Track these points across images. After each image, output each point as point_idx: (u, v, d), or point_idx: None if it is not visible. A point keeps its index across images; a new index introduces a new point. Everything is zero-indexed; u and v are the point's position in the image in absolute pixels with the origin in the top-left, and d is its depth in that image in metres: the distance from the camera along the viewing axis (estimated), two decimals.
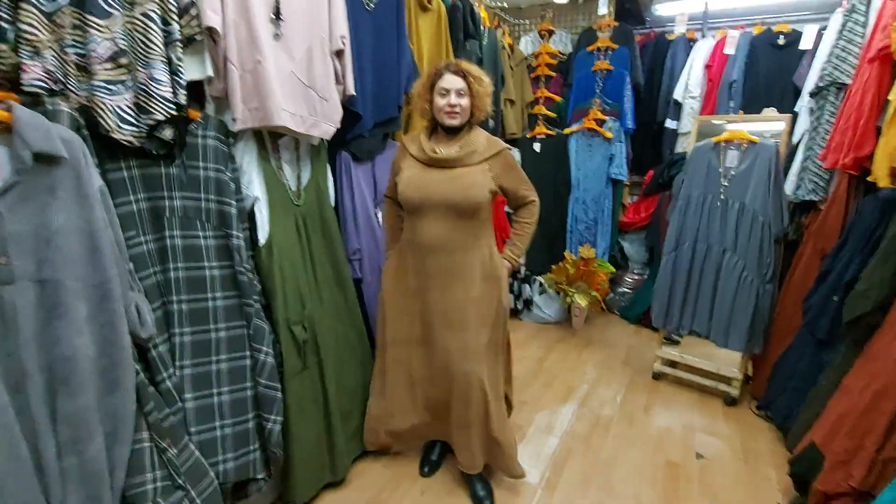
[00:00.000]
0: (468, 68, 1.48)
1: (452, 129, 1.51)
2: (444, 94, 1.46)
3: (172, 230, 1.27)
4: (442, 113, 1.48)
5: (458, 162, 1.50)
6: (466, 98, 1.47)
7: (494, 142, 1.55)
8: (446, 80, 1.46)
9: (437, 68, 1.50)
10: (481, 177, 1.50)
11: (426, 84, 1.50)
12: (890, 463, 1.21)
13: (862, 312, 1.47)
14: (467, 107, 1.48)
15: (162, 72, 1.12)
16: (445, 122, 1.49)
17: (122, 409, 1.05)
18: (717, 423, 2.21)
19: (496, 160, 1.53)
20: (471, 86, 1.46)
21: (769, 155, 2.23)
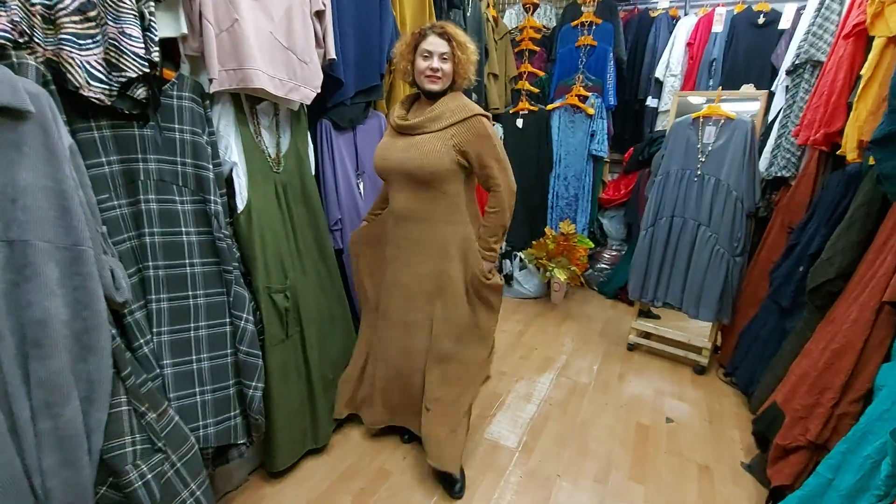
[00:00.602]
0: (454, 32, 1.41)
1: (433, 94, 1.45)
2: (427, 57, 1.40)
3: (147, 194, 1.24)
4: (423, 76, 1.42)
5: (420, 128, 1.42)
6: (449, 63, 1.40)
7: (466, 107, 1.42)
8: (430, 42, 1.39)
9: (421, 29, 1.43)
10: (441, 143, 1.39)
11: (409, 44, 1.43)
12: (844, 417, 1.29)
13: (825, 279, 1.54)
14: (449, 72, 1.41)
15: (134, 27, 1.07)
16: (426, 85, 1.43)
17: (98, 373, 1.03)
18: (686, 389, 2.31)
19: (463, 126, 1.40)
20: (455, 51, 1.39)
21: (745, 131, 2.28)
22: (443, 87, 1.44)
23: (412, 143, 1.43)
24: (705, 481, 1.71)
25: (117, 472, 1.05)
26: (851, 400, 1.30)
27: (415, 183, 1.45)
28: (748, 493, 1.65)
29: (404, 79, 1.50)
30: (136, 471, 1.06)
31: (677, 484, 1.70)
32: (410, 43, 1.43)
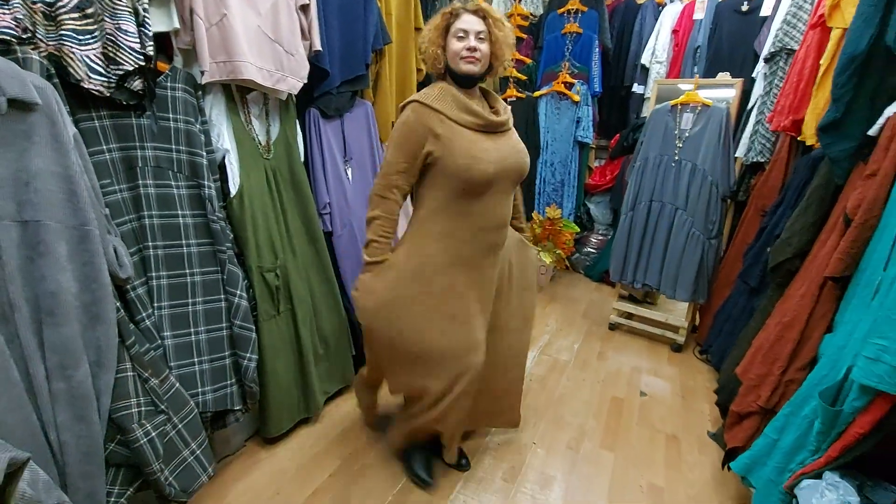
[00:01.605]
0: (488, 9, 1.28)
1: (469, 80, 1.30)
2: (462, 37, 1.25)
3: (146, 179, 1.33)
4: (458, 58, 1.26)
5: (507, 125, 1.36)
6: (487, 43, 1.27)
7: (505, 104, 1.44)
8: (464, 21, 1.26)
9: (452, 8, 1.29)
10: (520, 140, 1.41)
11: (440, 26, 1.29)
12: (791, 384, 1.40)
13: (784, 259, 1.64)
14: (487, 53, 1.28)
15: (129, 23, 1.16)
16: (462, 67, 1.27)
17: (106, 341, 1.14)
18: (663, 366, 2.43)
19: None
20: (491, 29, 1.26)
21: (720, 117, 2.36)
22: (481, 70, 1.29)
23: (515, 142, 1.36)
24: (672, 450, 1.84)
25: (124, 430, 1.16)
26: (798, 368, 1.40)
27: (515, 184, 1.40)
28: (712, 459, 1.78)
29: (433, 67, 1.33)
30: (141, 429, 1.18)
31: (646, 452, 1.82)
32: (440, 25, 1.29)
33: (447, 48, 1.29)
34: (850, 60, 1.28)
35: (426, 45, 1.33)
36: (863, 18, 1.25)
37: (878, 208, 1.24)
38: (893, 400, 1.01)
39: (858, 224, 1.26)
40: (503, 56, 1.31)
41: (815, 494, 1.08)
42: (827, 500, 1.04)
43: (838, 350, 1.23)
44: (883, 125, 1.28)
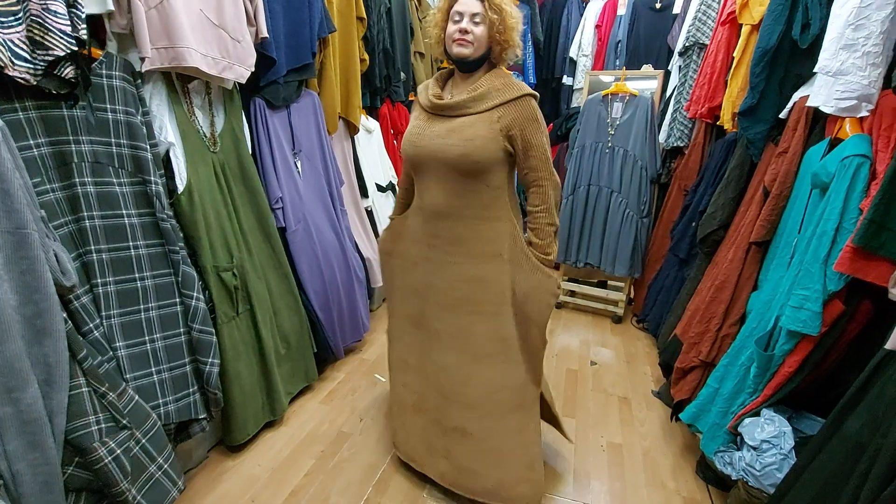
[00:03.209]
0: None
1: (465, 65, 1.25)
2: (458, 20, 1.20)
3: (83, 177, 1.21)
4: (451, 41, 1.22)
5: (461, 109, 1.22)
6: (482, 27, 1.19)
7: (515, 85, 1.22)
8: (461, 3, 1.20)
9: None
10: (486, 128, 1.19)
11: (443, 8, 1.25)
12: (726, 338, 1.58)
13: (710, 230, 1.84)
14: (482, 37, 1.20)
15: (58, 3, 1.04)
16: (454, 50, 1.22)
17: (55, 356, 1.03)
18: (607, 336, 2.62)
19: (512, 107, 1.19)
20: (488, 12, 1.19)
21: (646, 106, 2.57)
22: (473, 54, 1.21)
23: (453, 128, 1.22)
24: (625, 409, 2.00)
25: (84, 451, 1.06)
26: (731, 323, 1.59)
27: (456, 174, 1.23)
28: (658, 414, 1.96)
29: (438, 50, 1.30)
30: (104, 447, 1.08)
31: (602, 414, 1.96)
32: (444, 8, 1.25)
33: (445, 31, 1.25)
34: (764, 53, 1.46)
35: (431, 28, 1.30)
36: (773, 16, 1.43)
37: (791, 181, 1.43)
38: (815, 341, 1.18)
39: (775, 195, 1.45)
40: (503, 40, 1.21)
41: (756, 429, 1.24)
42: (767, 432, 1.20)
43: (764, 304, 1.41)
44: (791, 108, 1.48)
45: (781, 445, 1.15)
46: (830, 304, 1.14)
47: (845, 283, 1.11)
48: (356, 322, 2.25)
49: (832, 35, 1.07)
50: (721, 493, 1.53)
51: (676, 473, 1.64)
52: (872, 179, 1.08)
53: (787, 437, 1.16)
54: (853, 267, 1.05)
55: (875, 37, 0.99)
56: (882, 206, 1.00)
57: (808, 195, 1.33)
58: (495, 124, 1.19)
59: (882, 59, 1.02)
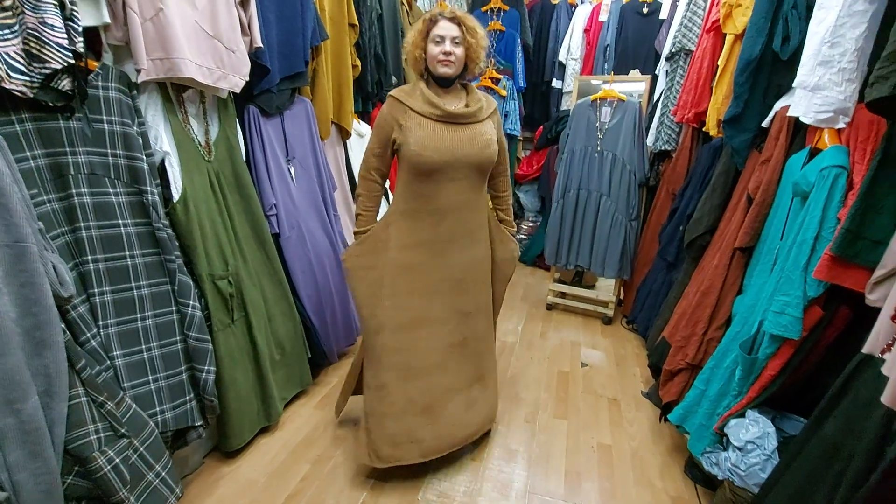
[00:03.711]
0: (463, 17, 1.40)
1: (445, 80, 1.43)
2: (439, 42, 1.37)
3: (80, 188, 1.22)
4: (435, 62, 1.39)
5: (473, 117, 1.42)
6: (461, 48, 1.39)
7: (489, 98, 1.52)
8: (441, 28, 1.37)
9: (431, 15, 1.41)
10: (492, 132, 1.47)
11: (421, 31, 1.40)
12: (712, 341, 1.63)
13: (697, 235, 1.89)
14: (461, 57, 1.40)
15: (55, 16, 1.05)
16: (439, 70, 1.39)
17: (54, 367, 1.04)
18: (597, 338, 2.67)
19: (495, 116, 1.51)
20: (465, 35, 1.38)
21: (634, 111, 2.62)
22: (455, 72, 1.41)
23: (473, 134, 1.42)
24: (615, 410, 2.04)
25: (84, 460, 1.07)
26: (716, 327, 1.64)
27: (476, 172, 1.46)
28: (647, 415, 2.01)
29: (415, 67, 1.45)
30: (104, 456, 1.10)
31: (593, 415, 2.01)
32: (422, 30, 1.40)
33: (427, 51, 1.40)
34: (747, 64, 1.50)
35: (409, 47, 1.43)
36: (755, 28, 1.48)
37: (773, 188, 1.48)
38: (796, 345, 1.23)
39: (758, 202, 1.50)
40: (477, 58, 1.43)
41: (741, 430, 1.28)
42: (751, 433, 1.24)
43: (749, 309, 1.46)
44: (773, 118, 1.53)
45: (765, 446, 1.19)
46: (810, 310, 1.18)
47: (824, 289, 1.15)
48: (349, 326, 2.27)
49: (809, 51, 1.12)
50: (709, 493, 1.58)
51: (665, 473, 1.68)
52: (850, 190, 1.13)
53: (770, 438, 1.21)
54: (831, 274, 1.09)
55: (850, 54, 1.04)
56: (858, 216, 1.04)
57: (789, 203, 1.38)
58: (493, 129, 1.49)
59: (857, 74, 1.06)
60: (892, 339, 0.91)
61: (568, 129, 2.82)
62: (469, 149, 1.42)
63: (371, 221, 1.55)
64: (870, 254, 1.05)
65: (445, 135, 1.40)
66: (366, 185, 1.53)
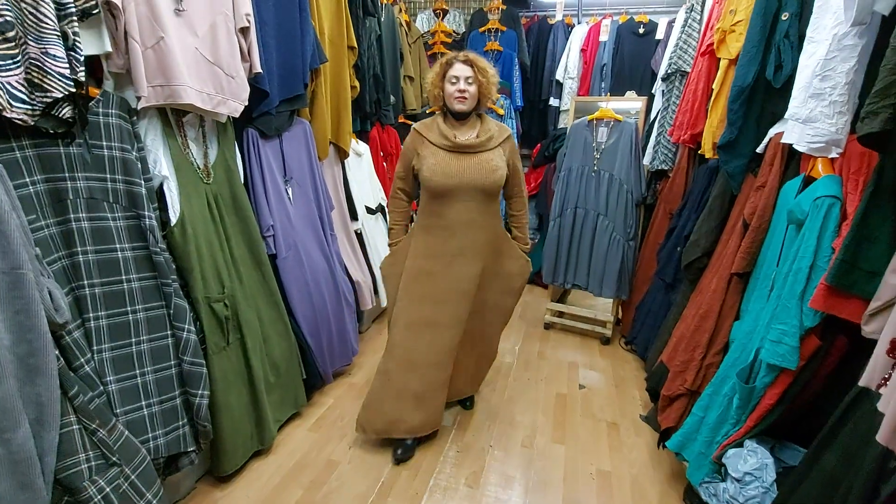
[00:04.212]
0: (475, 59, 1.61)
1: (461, 114, 1.64)
2: (455, 82, 1.59)
3: (78, 213, 1.22)
4: (452, 99, 1.60)
5: (481, 147, 1.63)
6: (474, 86, 1.59)
7: (503, 127, 1.72)
8: (456, 69, 1.59)
9: (447, 59, 1.63)
10: (500, 160, 1.66)
11: (439, 73, 1.63)
12: (710, 367, 1.62)
13: (694, 258, 1.89)
14: (475, 94, 1.60)
15: (57, 47, 1.07)
16: (455, 106, 1.61)
17: (47, 395, 1.04)
18: (595, 358, 2.65)
19: (507, 143, 1.71)
20: (477, 75, 1.59)
21: (630, 131, 2.64)
22: (469, 108, 1.63)
23: (480, 161, 1.62)
24: (613, 435, 2.02)
25: (74, 490, 1.06)
26: (715, 352, 1.63)
27: (482, 194, 1.66)
28: (646, 440, 1.99)
29: (435, 103, 1.69)
30: (94, 486, 1.08)
31: (591, 440, 1.99)
32: (440, 73, 1.63)
33: (444, 90, 1.63)
34: (740, 92, 1.52)
35: (429, 87, 1.68)
36: (748, 57, 1.50)
37: (769, 214, 1.49)
38: (793, 375, 1.22)
39: (754, 228, 1.50)
40: (488, 93, 1.64)
41: (739, 461, 1.27)
42: (749, 464, 1.23)
43: (746, 335, 1.45)
44: (767, 144, 1.54)
45: (763, 478, 1.18)
46: (807, 339, 1.18)
47: (821, 319, 1.15)
48: (345, 346, 2.26)
49: (801, 84, 1.13)
50: None
51: (664, 501, 1.66)
52: (844, 220, 1.13)
53: (769, 470, 1.20)
54: (827, 304, 1.09)
55: (841, 87, 1.05)
56: (852, 246, 1.05)
57: (785, 229, 1.38)
58: (503, 156, 1.69)
59: (848, 107, 1.08)
60: (889, 374, 0.91)
61: (565, 148, 2.84)
62: (475, 174, 1.62)
63: (400, 234, 1.84)
64: (866, 284, 1.05)
65: (454, 163, 1.62)
66: (394, 203, 1.83)
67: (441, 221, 1.68)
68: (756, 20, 1.49)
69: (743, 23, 1.69)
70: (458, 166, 1.62)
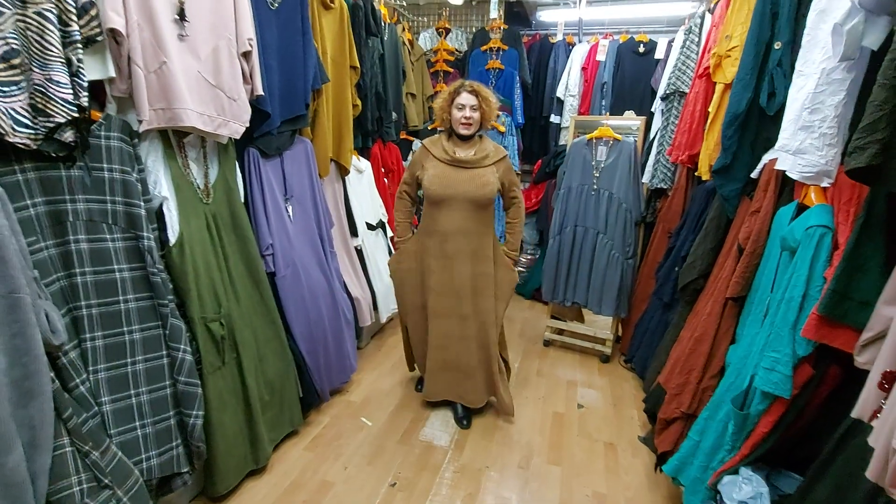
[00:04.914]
0: (479, 89, 1.85)
1: (467, 137, 1.88)
2: (461, 109, 1.83)
3: (77, 234, 1.24)
4: (458, 124, 1.85)
5: (476, 164, 1.86)
6: (478, 112, 1.84)
7: (499, 148, 1.94)
8: (462, 98, 1.83)
9: (455, 88, 1.86)
10: (492, 176, 1.87)
11: (447, 100, 1.87)
12: (706, 391, 1.61)
13: (690, 280, 1.89)
14: (478, 119, 1.86)
15: (61, 73, 1.10)
16: (461, 131, 1.85)
17: (40, 418, 1.04)
18: (594, 377, 2.64)
19: (501, 163, 1.92)
20: (481, 104, 1.83)
21: (629, 151, 2.66)
22: (473, 132, 1.87)
23: (474, 175, 1.85)
24: (610, 456, 2.01)
25: None
26: (710, 376, 1.62)
27: (473, 205, 1.87)
28: (644, 462, 1.97)
29: (443, 125, 1.95)
30: None
31: (588, 461, 1.97)
32: (447, 99, 1.88)
33: (451, 115, 1.87)
34: (734, 118, 1.54)
35: (438, 111, 1.92)
36: (741, 84, 1.52)
37: (763, 239, 1.49)
38: (787, 403, 1.22)
39: (749, 253, 1.51)
40: (490, 118, 1.90)
41: (734, 489, 1.26)
42: (744, 493, 1.22)
43: (741, 360, 1.45)
44: (762, 169, 1.55)
45: None
46: (800, 368, 1.17)
47: (813, 348, 1.15)
48: (343, 363, 2.26)
49: (790, 116, 1.14)
50: None
51: None
52: (835, 249, 1.14)
53: (763, 499, 1.18)
54: (819, 334, 1.09)
55: (830, 120, 1.06)
56: (844, 277, 1.05)
57: (779, 254, 1.39)
58: (495, 174, 1.90)
59: (838, 139, 1.09)
60: (880, 407, 0.91)
61: (564, 166, 2.86)
62: (467, 186, 1.85)
63: (405, 230, 2.09)
64: (858, 315, 1.04)
65: (450, 174, 1.86)
66: (399, 203, 2.09)
67: (438, 227, 1.91)
68: (749, 48, 1.51)
69: (738, 49, 1.71)
70: (455, 178, 1.85)
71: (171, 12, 1.32)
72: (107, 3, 1.16)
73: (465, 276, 1.95)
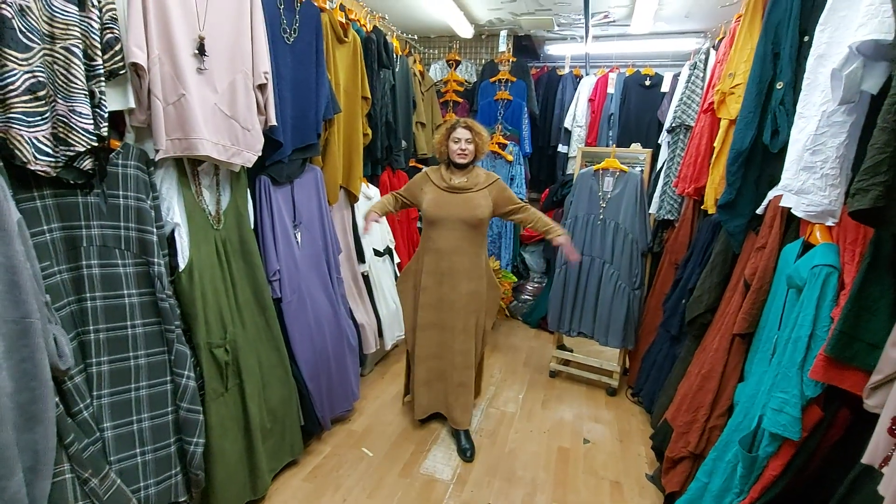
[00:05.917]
0: (473, 125, 2.05)
1: (462, 166, 2.06)
2: (457, 142, 2.03)
3: (90, 259, 1.27)
4: (455, 154, 2.04)
5: (468, 189, 2.05)
6: (472, 145, 2.04)
7: (490, 174, 2.13)
8: (458, 132, 2.03)
9: (452, 124, 2.06)
10: (483, 200, 2.05)
11: (445, 135, 2.07)
12: (714, 430, 1.58)
13: (697, 314, 1.87)
14: (472, 151, 2.05)
15: (84, 105, 1.14)
16: (457, 160, 2.05)
17: (43, 444, 1.05)
18: (601, 411, 2.59)
19: (493, 186, 2.09)
20: (475, 137, 2.03)
21: (636, 182, 2.67)
22: (468, 161, 2.06)
23: (466, 199, 2.04)
24: (616, 495, 1.95)
25: None
26: (718, 415, 1.59)
27: (466, 226, 2.05)
28: (651, 501, 1.91)
29: (440, 157, 2.12)
30: None
31: (593, 501, 1.92)
32: (445, 134, 2.07)
33: (448, 147, 2.06)
34: (738, 155, 1.55)
35: (437, 144, 2.11)
36: (744, 122, 1.54)
37: (769, 275, 1.48)
38: (797, 445, 1.19)
39: (755, 289, 1.50)
40: (483, 149, 2.08)
41: None
42: None
43: (750, 399, 1.42)
44: (767, 206, 1.55)
45: None
46: (809, 409, 1.15)
47: (822, 389, 1.13)
48: (346, 391, 2.25)
49: (793, 157, 1.15)
50: None
51: None
52: (842, 289, 1.13)
53: None
54: (827, 375, 1.08)
55: (832, 160, 1.07)
56: (851, 317, 1.04)
57: (786, 291, 1.38)
58: (488, 197, 2.06)
59: (840, 179, 1.09)
60: (890, 453, 0.88)
61: (570, 196, 2.88)
62: (460, 209, 2.04)
63: (386, 206, 2.20)
64: (867, 357, 1.03)
65: (445, 198, 2.06)
66: (388, 196, 2.25)
67: (433, 245, 2.09)
68: (752, 87, 1.54)
69: (741, 86, 1.74)
70: (449, 202, 2.05)
71: (192, 47, 1.38)
72: (130, 38, 1.22)
73: (457, 293, 2.09)
